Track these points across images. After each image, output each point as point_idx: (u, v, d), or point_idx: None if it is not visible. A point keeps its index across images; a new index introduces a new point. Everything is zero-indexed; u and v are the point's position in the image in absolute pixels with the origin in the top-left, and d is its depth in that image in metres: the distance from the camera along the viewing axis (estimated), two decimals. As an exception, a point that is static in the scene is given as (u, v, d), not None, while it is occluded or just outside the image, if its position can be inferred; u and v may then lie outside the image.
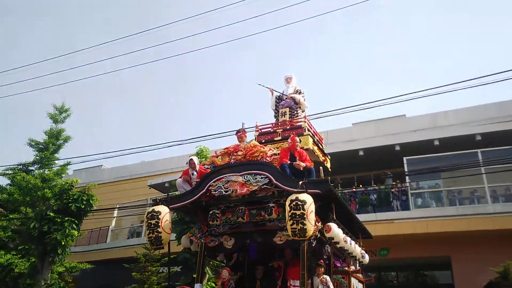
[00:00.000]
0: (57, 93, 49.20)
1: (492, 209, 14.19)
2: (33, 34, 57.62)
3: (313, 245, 6.40)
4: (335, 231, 6.63)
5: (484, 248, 14.08)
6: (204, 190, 7.08)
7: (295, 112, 8.77)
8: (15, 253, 15.63)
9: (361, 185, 17.34)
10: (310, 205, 5.78)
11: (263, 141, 8.31)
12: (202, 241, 7.31)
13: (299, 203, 5.76)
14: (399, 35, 51.08)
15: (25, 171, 17.16)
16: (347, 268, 7.97)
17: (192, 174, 8.03)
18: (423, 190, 16.13)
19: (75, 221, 14.48)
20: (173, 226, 9.07)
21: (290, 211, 5.79)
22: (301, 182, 6.14)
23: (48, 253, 14.15)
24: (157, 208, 7.03)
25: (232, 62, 58.22)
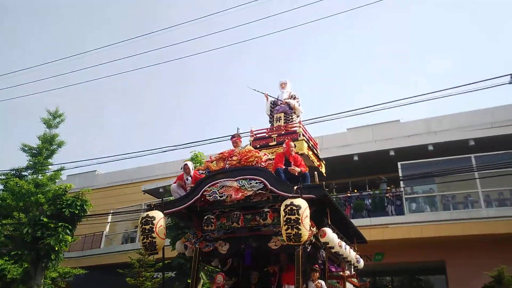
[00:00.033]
0: (58, 96, 48.85)
1: (486, 213, 14.28)
2: (34, 36, 57.52)
3: (308, 250, 6.39)
4: (330, 236, 6.63)
5: (478, 252, 14.14)
6: (198, 195, 7.08)
7: (290, 117, 8.76)
8: (7, 258, 15.48)
9: (355, 190, 17.39)
10: (305, 210, 5.78)
11: (258, 146, 8.28)
12: (197, 246, 7.26)
13: (294, 208, 5.75)
14: (399, 35, 51.44)
15: (18, 176, 17.03)
16: (342, 273, 7.99)
17: (187, 179, 8.00)
18: (417, 195, 16.18)
19: (69, 227, 14.38)
20: (168, 232, 9.03)
21: (285, 216, 5.78)
22: (296, 187, 6.13)
23: (41, 258, 14.03)
24: (151, 213, 7.02)
25: (235, 65, 58.31)
